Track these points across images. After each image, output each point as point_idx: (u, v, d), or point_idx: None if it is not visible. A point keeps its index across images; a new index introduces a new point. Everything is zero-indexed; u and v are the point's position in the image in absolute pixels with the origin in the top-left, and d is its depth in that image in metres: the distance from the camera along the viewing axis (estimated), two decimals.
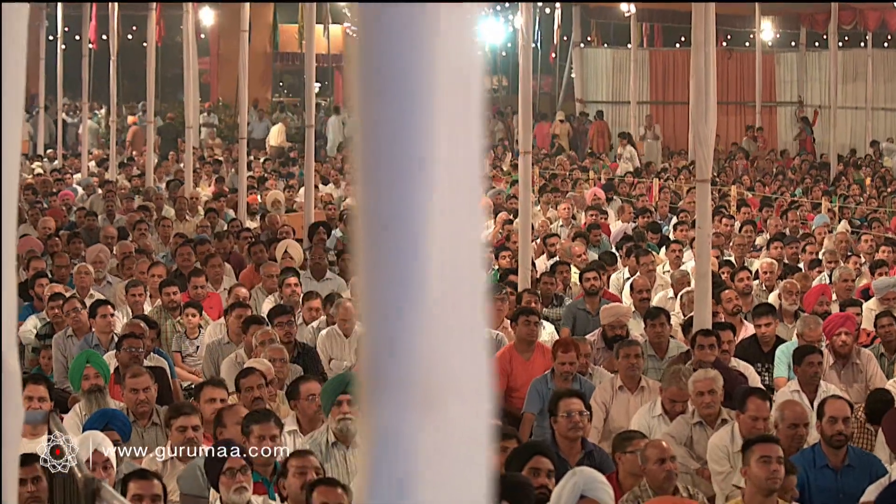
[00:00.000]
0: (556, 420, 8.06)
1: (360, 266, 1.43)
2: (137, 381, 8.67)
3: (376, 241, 1.40)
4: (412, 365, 1.37)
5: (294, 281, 12.60)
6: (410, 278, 1.39)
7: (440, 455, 1.35)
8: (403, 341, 1.38)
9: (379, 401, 1.37)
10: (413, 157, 1.41)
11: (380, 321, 1.40)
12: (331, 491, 6.36)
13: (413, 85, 1.42)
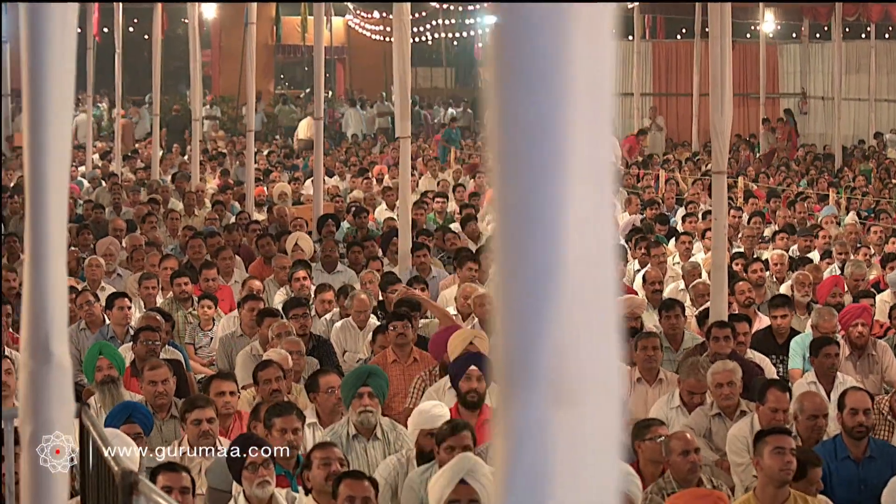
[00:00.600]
0: None
1: (499, 261, 1.42)
2: (156, 373, 8.65)
3: (515, 236, 1.40)
4: (550, 360, 1.36)
5: (303, 274, 12.59)
6: (549, 274, 1.38)
7: (575, 449, 1.35)
8: (542, 337, 1.37)
9: (517, 395, 1.37)
10: (553, 153, 1.41)
11: (518, 316, 1.39)
12: (357, 483, 6.35)
13: (553, 82, 1.41)
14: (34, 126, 3.11)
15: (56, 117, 3.13)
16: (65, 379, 3.30)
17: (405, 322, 10.16)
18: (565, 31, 1.43)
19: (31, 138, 3.12)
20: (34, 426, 3.27)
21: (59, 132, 3.14)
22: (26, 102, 3.08)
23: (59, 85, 3.09)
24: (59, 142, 3.14)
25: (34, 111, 3.09)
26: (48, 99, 3.08)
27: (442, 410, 7.80)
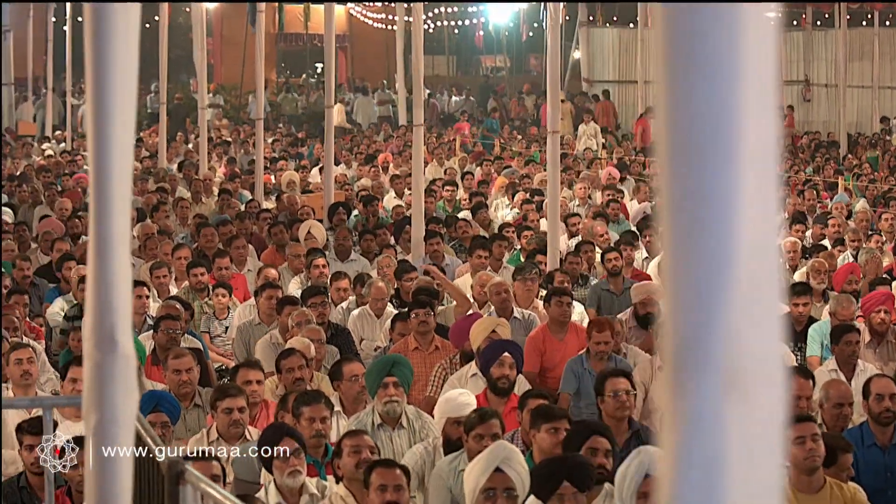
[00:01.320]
0: (602, 400, 8.05)
1: (670, 249, 1.42)
2: (180, 361, 8.64)
3: (687, 224, 1.39)
4: (722, 348, 1.36)
5: (322, 262, 12.59)
6: (723, 260, 1.38)
7: (746, 437, 1.34)
8: (713, 324, 1.37)
9: (688, 383, 1.36)
10: (727, 142, 1.41)
11: (690, 304, 1.39)
12: (389, 472, 6.34)
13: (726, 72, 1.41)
14: (99, 118, 3.10)
15: (120, 109, 3.12)
16: (130, 369, 3.29)
17: (427, 310, 10.16)
18: (736, 22, 1.43)
19: (96, 130, 3.10)
20: (99, 416, 3.26)
21: (123, 123, 3.13)
22: (90, 94, 3.06)
23: (123, 77, 3.07)
24: (124, 133, 3.13)
25: (99, 104, 3.08)
26: (112, 91, 3.06)
27: (469, 399, 7.79)
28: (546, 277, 12.13)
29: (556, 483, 6.18)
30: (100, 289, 3.28)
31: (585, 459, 6.45)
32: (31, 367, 8.54)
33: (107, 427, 3.31)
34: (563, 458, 6.41)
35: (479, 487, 6.08)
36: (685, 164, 1.43)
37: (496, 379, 8.74)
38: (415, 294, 11.03)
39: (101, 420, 3.30)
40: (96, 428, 3.30)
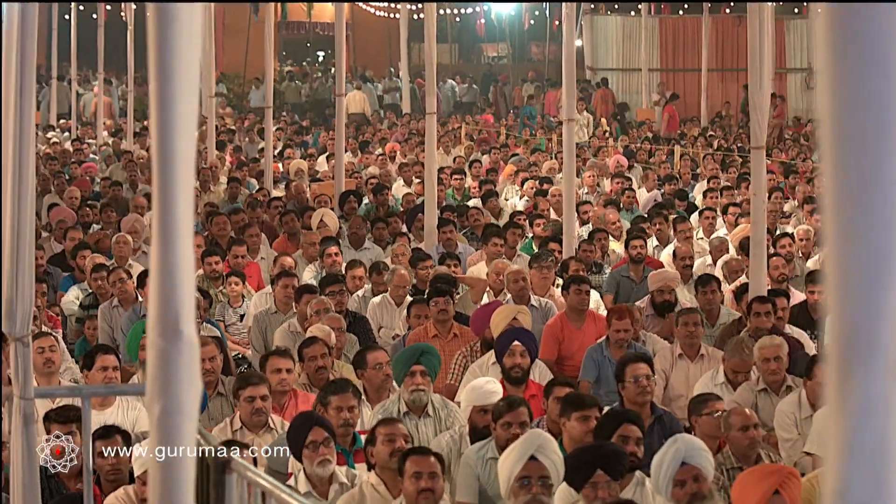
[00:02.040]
0: (623, 386, 8.06)
1: (835, 238, 1.41)
2: (203, 350, 8.60)
3: (853, 214, 1.39)
4: (890, 335, 1.35)
5: (335, 250, 12.57)
6: (888, 249, 1.37)
7: None
8: (881, 312, 1.36)
9: (856, 370, 1.35)
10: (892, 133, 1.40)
11: (857, 292, 1.38)
12: (423, 459, 6.33)
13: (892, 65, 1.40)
14: (162, 104, 3.09)
15: (183, 96, 3.11)
16: (194, 358, 3.27)
17: (446, 298, 10.16)
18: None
19: (160, 116, 3.09)
20: (163, 405, 3.24)
21: (187, 111, 3.12)
22: (154, 89, 3.05)
23: (186, 72, 3.07)
24: (187, 120, 3.12)
25: (162, 90, 3.06)
26: (176, 86, 3.05)
27: (495, 387, 7.79)
28: (561, 265, 12.11)
29: (590, 471, 6.19)
30: (163, 277, 3.27)
31: (619, 448, 6.45)
32: (53, 355, 8.54)
33: (171, 416, 3.29)
34: (597, 447, 6.40)
35: (514, 475, 6.07)
36: (851, 155, 1.43)
37: (509, 368, 8.75)
38: (432, 282, 11.02)
39: (165, 409, 3.28)
40: (160, 417, 3.28)
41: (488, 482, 7.29)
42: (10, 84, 5.15)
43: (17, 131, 5.14)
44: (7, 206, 5.15)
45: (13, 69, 5.12)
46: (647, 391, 7.97)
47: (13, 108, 5.14)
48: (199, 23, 3.14)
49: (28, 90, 5.11)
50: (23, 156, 5.13)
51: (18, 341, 5.25)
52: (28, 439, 5.25)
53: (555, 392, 7.88)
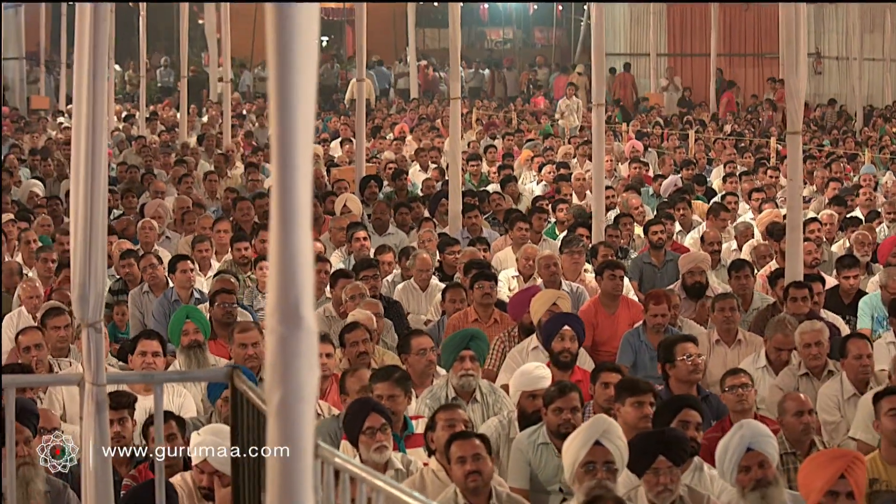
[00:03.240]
0: (673, 365, 8.06)
1: None
2: (246, 335, 8.59)
3: None
4: None
5: (363, 235, 12.52)
6: None
7: None
8: None
9: None
10: None
11: None
12: (467, 443, 6.31)
13: None
14: (282, 98, 3.09)
15: (302, 90, 3.11)
16: (313, 344, 3.26)
17: (491, 282, 10.16)
18: None
19: (279, 109, 3.10)
20: (283, 392, 3.22)
21: (305, 104, 3.12)
22: (274, 76, 3.05)
23: (304, 67, 3.08)
24: (306, 105, 3.12)
25: (282, 84, 3.07)
26: (295, 73, 3.06)
27: (544, 372, 7.77)
28: (590, 251, 12.09)
29: (652, 457, 6.17)
30: (284, 263, 3.25)
31: (681, 433, 6.44)
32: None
33: (291, 404, 3.27)
34: (660, 433, 6.40)
35: (579, 461, 6.06)
36: None
37: (557, 353, 8.73)
38: (468, 267, 11.00)
39: (285, 396, 3.26)
40: (280, 405, 3.26)
41: (539, 468, 7.28)
42: (82, 81, 5.13)
43: (89, 123, 5.12)
44: (80, 193, 5.13)
45: (85, 66, 5.10)
46: (698, 369, 8.01)
47: (85, 102, 5.11)
48: (317, 20, 3.17)
49: (100, 86, 5.09)
50: (96, 146, 5.11)
51: (91, 327, 5.23)
52: (100, 426, 5.22)
53: (602, 377, 7.87)
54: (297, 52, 3.06)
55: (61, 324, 9.09)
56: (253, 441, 4.94)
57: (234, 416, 5.16)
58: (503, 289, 11.43)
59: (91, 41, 5.08)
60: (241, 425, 5.10)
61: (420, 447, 7.13)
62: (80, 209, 5.15)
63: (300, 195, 3.25)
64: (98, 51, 5.08)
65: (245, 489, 5.10)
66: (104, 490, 5.26)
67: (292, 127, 3.17)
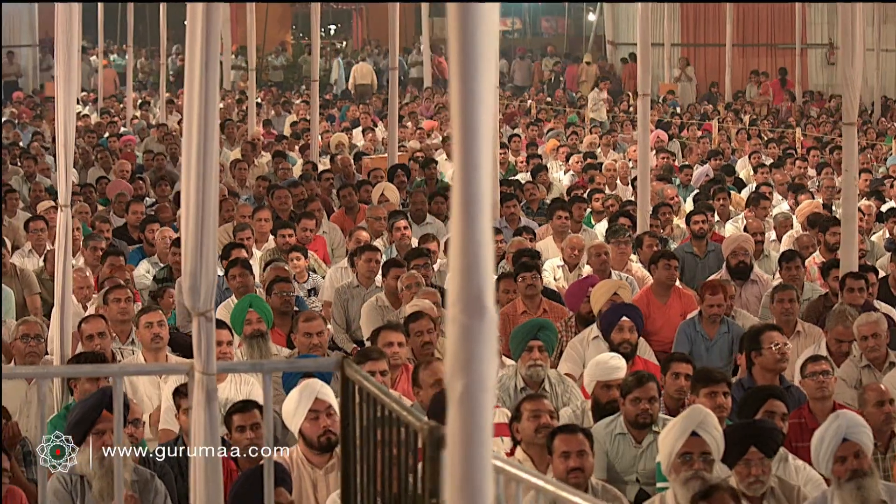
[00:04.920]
0: (759, 353, 8.05)
1: None
2: (311, 324, 8.56)
3: None
4: None
5: (404, 224, 12.49)
6: None
7: None
8: None
9: None
10: None
11: None
12: (572, 438, 6.30)
13: None
14: (465, 92, 3.10)
15: (484, 84, 3.15)
16: (494, 333, 3.24)
17: (533, 273, 10.11)
18: None
19: (461, 95, 3.11)
20: (466, 382, 3.20)
21: (486, 91, 3.14)
22: (456, 71, 3.06)
23: (486, 54, 3.11)
24: (487, 99, 3.14)
25: (464, 79, 3.09)
26: (479, 68, 3.10)
27: (619, 362, 7.75)
28: (636, 240, 12.07)
29: (744, 448, 6.17)
30: (466, 253, 3.23)
31: (773, 425, 6.43)
32: (161, 330, 8.47)
33: (474, 393, 3.25)
34: (752, 424, 6.39)
35: (676, 451, 6.05)
36: None
37: (617, 343, 8.72)
38: (516, 257, 10.97)
39: (469, 386, 3.23)
40: (462, 394, 3.24)
41: (616, 458, 7.27)
42: (193, 77, 5.11)
43: (202, 118, 5.10)
44: (192, 184, 5.11)
45: (197, 62, 5.08)
46: (785, 357, 8.02)
47: (197, 98, 5.10)
48: (497, 19, 3.23)
49: (212, 81, 5.08)
50: (208, 140, 5.10)
51: (202, 316, 5.20)
52: (210, 415, 5.20)
53: (673, 367, 7.86)
54: (478, 50, 3.08)
55: (122, 296, 9.13)
56: (365, 427, 4.92)
57: (345, 404, 5.15)
58: (548, 278, 11.40)
59: (203, 38, 5.06)
60: (350, 413, 5.09)
61: (498, 437, 7.11)
62: (191, 200, 5.13)
63: (481, 186, 3.24)
64: (210, 48, 5.07)
65: (355, 474, 5.08)
66: (214, 478, 5.24)
67: (474, 121, 3.18)
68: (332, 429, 6.60)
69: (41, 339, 8.52)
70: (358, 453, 5.06)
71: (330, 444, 6.60)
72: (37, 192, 15.12)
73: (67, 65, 7.45)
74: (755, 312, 10.51)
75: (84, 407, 6.52)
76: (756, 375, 8.07)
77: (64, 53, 7.47)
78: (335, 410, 6.71)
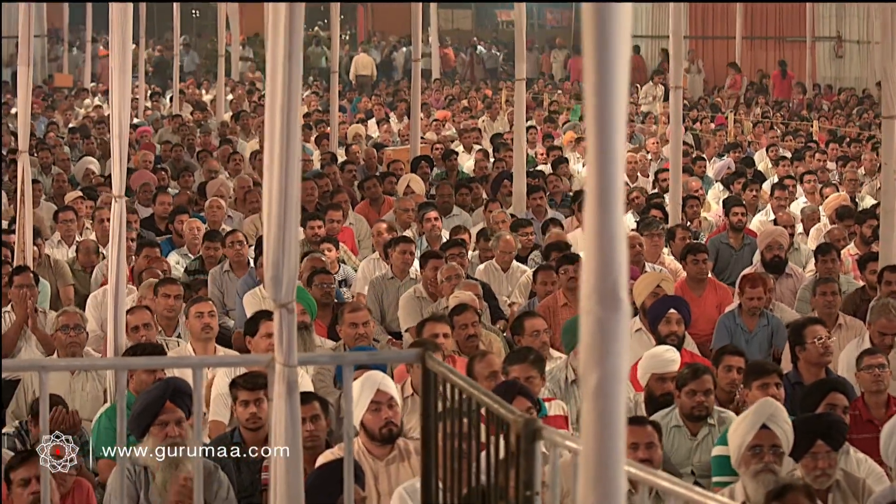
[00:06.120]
0: (803, 348, 8.05)
1: None
2: (357, 315, 8.54)
3: None
4: None
5: (435, 215, 12.46)
6: None
7: None
8: None
9: None
10: None
11: None
12: (640, 430, 6.28)
13: None
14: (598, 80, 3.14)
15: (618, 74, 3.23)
16: (628, 326, 3.24)
17: (575, 265, 10.08)
18: None
19: (596, 90, 3.15)
20: (601, 374, 3.20)
21: (620, 87, 3.24)
22: (591, 67, 3.10)
23: (621, 52, 3.20)
24: (621, 95, 3.24)
25: (600, 74, 3.14)
26: (614, 64, 3.20)
27: (674, 355, 7.75)
28: (667, 233, 12.06)
29: (811, 441, 6.16)
30: (601, 246, 3.25)
31: (839, 418, 6.43)
32: (211, 320, 8.45)
33: (608, 385, 3.25)
34: (819, 417, 6.39)
35: (746, 444, 6.04)
36: None
37: (665, 336, 8.71)
38: (549, 249, 10.97)
39: (603, 378, 3.24)
40: (597, 387, 3.24)
41: (672, 450, 7.26)
42: (277, 69, 5.10)
43: (284, 111, 5.09)
44: (275, 176, 5.10)
45: (281, 56, 5.07)
46: (829, 351, 8.02)
47: (280, 89, 5.08)
48: (630, 18, 3.29)
49: (296, 78, 5.06)
50: (290, 132, 5.09)
51: (283, 307, 5.19)
52: (291, 408, 5.18)
53: (725, 360, 7.85)
54: (612, 49, 3.13)
55: (173, 292, 9.12)
56: (449, 418, 4.92)
57: (426, 396, 5.15)
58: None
59: (287, 35, 5.04)
60: (431, 405, 5.09)
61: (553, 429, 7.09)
62: (273, 192, 5.11)
63: (616, 182, 3.27)
64: (293, 45, 5.05)
65: (437, 467, 5.08)
66: (295, 472, 5.21)
67: (609, 119, 3.24)
68: (394, 420, 6.60)
69: (81, 330, 8.53)
70: (440, 446, 5.06)
71: (391, 435, 6.59)
72: (59, 182, 15.07)
73: (122, 57, 7.43)
74: (790, 306, 10.51)
75: (147, 398, 6.51)
76: (801, 370, 8.08)
77: (119, 46, 7.46)
78: (396, 402, 6.71)
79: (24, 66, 10.18)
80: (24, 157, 10.24)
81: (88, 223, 12.89)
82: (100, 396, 8.15)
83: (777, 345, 9.59)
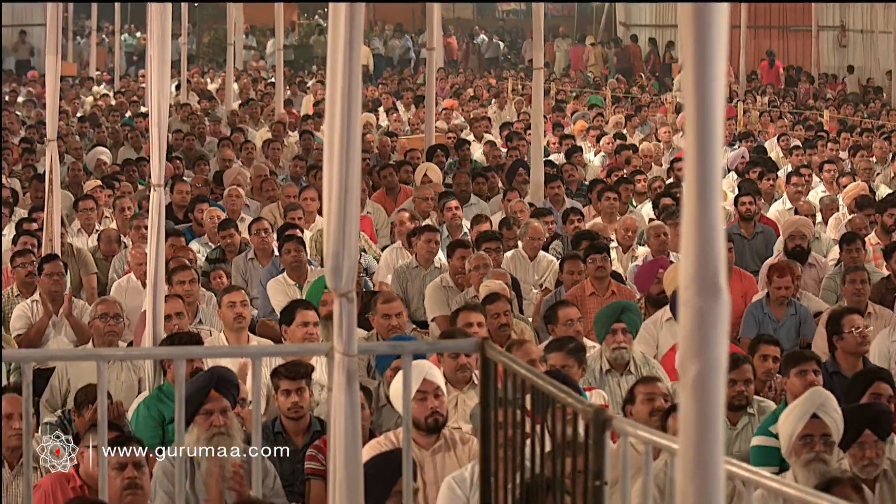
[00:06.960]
0: (841, 337, 8.05)
1: None
2: (391, 306, 8.52)
3: None
4: None
5: (455, 204, 12.44)
6: None
7: None
8: None
9: None
10: None
11: None
12: None
13: None
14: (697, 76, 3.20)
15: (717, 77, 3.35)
16: (728, 316, 3.25)
17: (603, 255, 10.08)
18: None
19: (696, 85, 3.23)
20: (701, 366, 3.20)
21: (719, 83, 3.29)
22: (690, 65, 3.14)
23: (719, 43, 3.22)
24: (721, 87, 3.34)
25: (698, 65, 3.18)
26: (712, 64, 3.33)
27: None
28: None
29: (858, 431, 6.16)
30: (701, 236, 3.27)
31: (886, 407, 6.43)
32: (244, 310, 8.44)
33: (708, 376, 3.25)
34: (866, 406, 6.39)
35: (797, 434, 6.04)
36: None
37: None
38: (579, 238, 10.96)
39: (703, 368, 3.24)
40: (696, 377, 3.24)
41: None
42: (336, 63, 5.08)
43: (345, 99, 5.08)
44: (335, 165, 5.09)
45: (340, 57, 5.06)
46: (867, 341, 8.02)
47: (341, 77, 5.07)
48: (727, 17, 3.32)
49: (356, 75, 5.05)
50: (351, 121, 5.09)
51: (343, 297, 5.17)
52: (351, 397, 5.16)
53: (761, 349, 7.86)
54: (712, 45, 3.17)
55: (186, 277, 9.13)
56: (512, 407, 4.92)
57: (485, 385, 5.15)
58: None
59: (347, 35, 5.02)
60: (490, 393, 5.10)
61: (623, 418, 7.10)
62: (334, 181, 5.10)
63: (714, 173, 3.28)
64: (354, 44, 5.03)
65: (496, 458, 5.08)
66: (354, 461, 5.20)
67: (709, 112, 3.28)
68: (440, 410, 6.60)
69: (119, 319, 8.51)
70: (500, 435, 5.06)
71: (437, 425, 6.59)
72: (74, 171, 15.04)
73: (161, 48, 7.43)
74: (814, 295, 10.51)
75: (192, 388, 6.49)
76: (839, 359, 8.08)
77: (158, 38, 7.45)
78: (443, 391, 6.71)
79: (52, 55, 10.19)
80: (52, 146, 10.23)
81: (108, 212, 12.85)
82: (134, 386, 8.13)
83: (805, 334, 9.60)
